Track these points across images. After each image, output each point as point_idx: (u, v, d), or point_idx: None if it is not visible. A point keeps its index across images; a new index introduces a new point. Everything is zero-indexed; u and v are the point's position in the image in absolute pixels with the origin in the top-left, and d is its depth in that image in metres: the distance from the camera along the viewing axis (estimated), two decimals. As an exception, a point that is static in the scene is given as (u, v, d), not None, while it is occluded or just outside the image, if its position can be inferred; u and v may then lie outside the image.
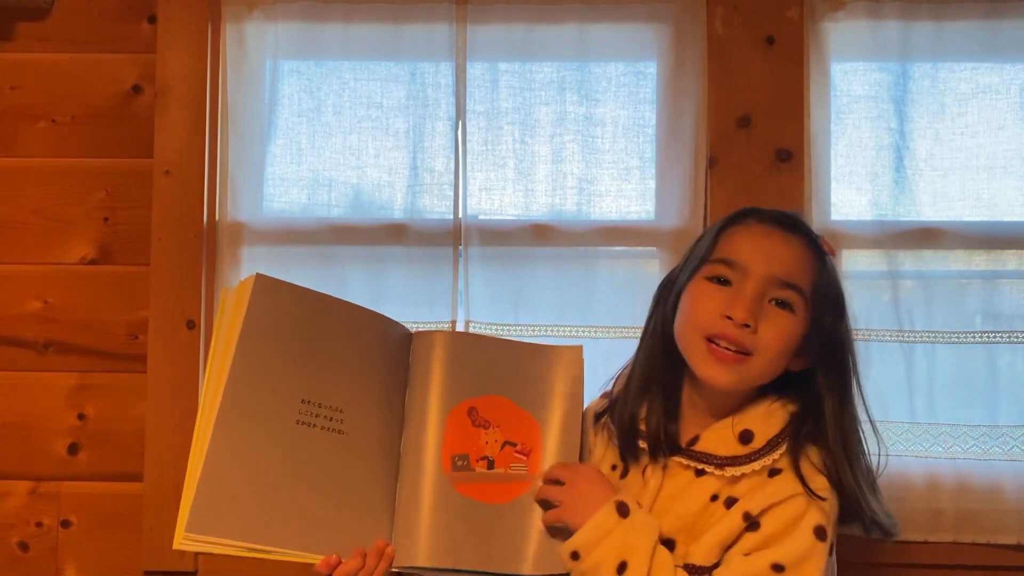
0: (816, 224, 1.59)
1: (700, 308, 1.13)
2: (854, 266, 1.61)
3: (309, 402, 1.14)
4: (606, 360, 1.38)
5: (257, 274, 1.16)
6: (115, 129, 1.69)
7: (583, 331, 1.62)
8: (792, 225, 1.17)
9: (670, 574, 1.07)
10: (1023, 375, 1.59)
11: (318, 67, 1.68)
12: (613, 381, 1.30)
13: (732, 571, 1.06)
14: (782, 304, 1.11)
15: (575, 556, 1.09)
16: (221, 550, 1.05)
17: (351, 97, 1.68)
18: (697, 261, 1.17)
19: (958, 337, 1.58)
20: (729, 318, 1.10)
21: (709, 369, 1.12)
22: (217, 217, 1.67)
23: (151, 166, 1.66)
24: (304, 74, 1.68)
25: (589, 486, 1.13)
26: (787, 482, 1.09)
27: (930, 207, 1.61)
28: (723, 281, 1.13)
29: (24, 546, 1.67)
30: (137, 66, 1.69)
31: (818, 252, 1.16)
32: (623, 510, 1.09)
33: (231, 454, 1.08)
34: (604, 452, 1.24)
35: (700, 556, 1.09)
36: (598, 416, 1.28)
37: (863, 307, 1.59)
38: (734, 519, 1.08)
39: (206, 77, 1.66)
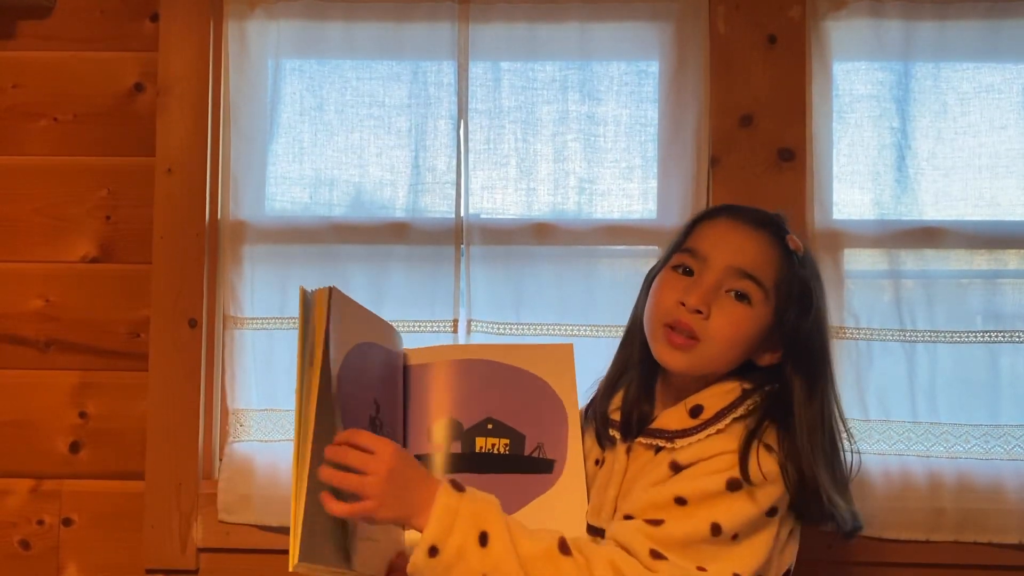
0: (818, 223, 1.60)
1: (662, 296, 1.16)
2: (856, 265, 1.62)
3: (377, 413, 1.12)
4: (607, 359, 1.37)
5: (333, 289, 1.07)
6: (117, 127, 1.69)
7: (584, 330, 1.62)
8: (761, 221, 1.17)
9: (526, 530, 1.04)
10: (1024, 375, 1.59)
11: (320, 66, 1.68)
12: (598, 382, 1.31)
13: (635, 499, 1.08)
14: (739, 295, 1.13)
15: (434, 551, 0.99)
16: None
17: (353, 96, 1.68)
18: (669, 252, 1.21)
19: (960, 337, 1.58)
20: (684, 304, 1.13)
21: (664, 353, 1.15)
22: (219, 216, 1.67)
23: (153, 164, 1.66)
24: (306, 72, 1.68)
25: (405, 472, 1.01)
26: (719, 442, 1.10)
27: (932, 206, 1.61)
28: (687, 271, 1.16)
29: (26, 544, 1.67)
30: (139, 64, 1.69)
31: (785, 248, 1.16)
32: (457, 486, 1.04)
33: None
34: (590, 448, 1.25)
35: (629, 505, 1.10)
36: (584, 413, 1.29)
37: (865, 306, 1.59)
38: (661, 467, 1.10)
39: (208, 75, 1.66)
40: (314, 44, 1.67)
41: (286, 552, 1.60)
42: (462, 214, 1.64)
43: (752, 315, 1.13)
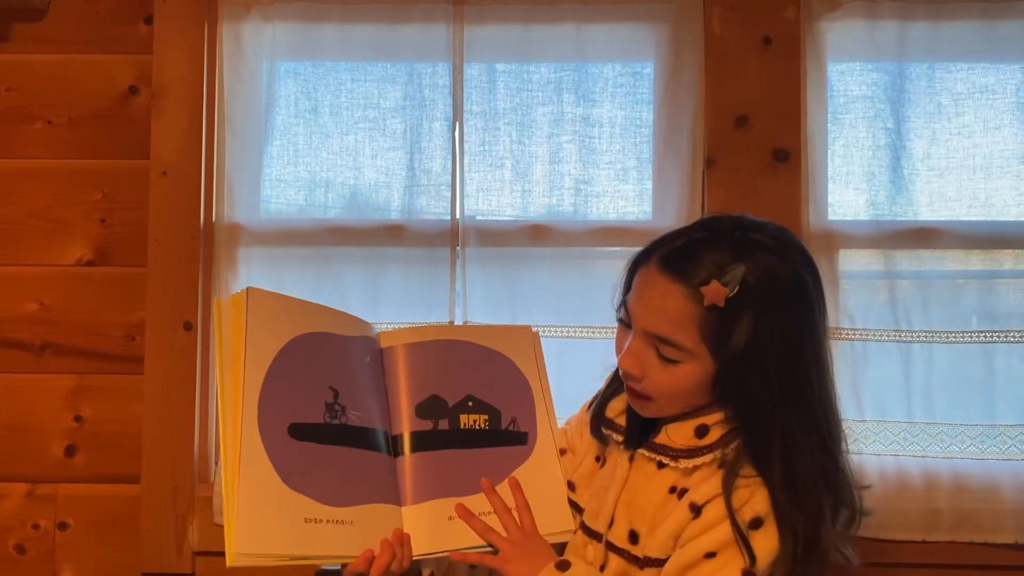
0: (813, 224, 1.60)
1: (616, 348, 1.17)
2: (851, 266, 1.62)
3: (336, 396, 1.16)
4: (603, 360, 1.37)
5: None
6: (112, 130, 1.68)
7: (580, 331, 1.62)
8: (680, 269, 1.08)
9: None
10: (1020, 374, 1.59)
11: (315, 68, 1.68)
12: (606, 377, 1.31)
13: (671, 564, 1.08)
14: (664, 357, 1.10)
15: None
16: (270, 563, 1.04)
17: (348, 98, 1.68)
18: (620, 295, 1.17)
19: (955, 337, 1.59)
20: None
21: (631, 404, 1.17)
22: (214, 218, 1.67)
23: (148, 167, 1.66)
24: (301, 75, 1.68)
25: (531, 549, 1.16)
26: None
27: (927, 207, 1.61)
28: (628, 324, 1.15)
29: (21, 548, 1.66)
30: (134, 67, 1.68)
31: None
32: (563, 566, 1.13)
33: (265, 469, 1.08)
34: (589, 444, 1.26)
35: (656, 548, 1.11)
36: (588, 407, 1.30)
37: (860, 307, 1.60)
38: (683, 511, 1.10)
39: (203, 78, 1.66)
40: (309, 46, 1.67)
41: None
42: (457, 216, 1.64)
43: (685, 371, 1.10)
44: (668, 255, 1.10)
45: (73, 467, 1.66)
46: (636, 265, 1.15)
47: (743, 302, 1.06)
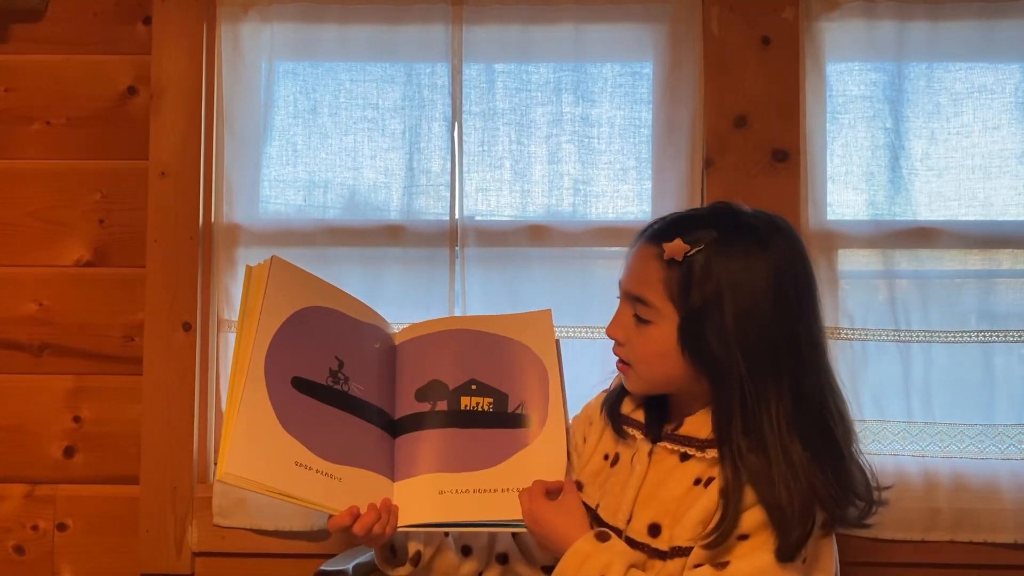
0: (812, 224, 1.60)
1: None
2: (850, 266, 1.62)
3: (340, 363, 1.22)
4: (602, 361, 1.37)
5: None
6: (110, 131, 1.68)
7: (579, 331, 1.62)
8: (654, 234, 1.14)
9: None
10: (1019, 374, 1.59)
11: (314, 68, 1.68)
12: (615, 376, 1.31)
13: (687, 531, 1.09)
14: (640, 318, 1.14)
15: None
16: (257, 491, 1.11)
17: (347, 98, 1.68)
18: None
19: (954, 336, 1.59)
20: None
21: (622, 378, 1.20)
22: (213, 219, 1.67)
23: (146, 168, 1.66)
24: (300, 75, 1.68)
25: (560, 512, 1.16)
26: None
27: (926, 207, 1.61)
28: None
29: (20, 550, 1.66)
30: (132, 67, 1.68)
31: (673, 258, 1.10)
32: (602, 537, 1.13)
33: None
34: (598, 442, 1.26)
35: (683, 536, 1.10)
36: (601, 407, 1.29)
37: (859, 307, 1.60)
38: (711, 497, 1.10)
39: (201, 78, 1.66)
40: (308, 46, 1.67)
41: (282, 556, 1.62)
42: (456, 216, 1.64)
43: (658, 333, 1.12)
44: (656, 227, 1.16)
45: (72, 468, 1.66)
46: (633, 244, 1.20)
47: (707, 263, 1.08)
